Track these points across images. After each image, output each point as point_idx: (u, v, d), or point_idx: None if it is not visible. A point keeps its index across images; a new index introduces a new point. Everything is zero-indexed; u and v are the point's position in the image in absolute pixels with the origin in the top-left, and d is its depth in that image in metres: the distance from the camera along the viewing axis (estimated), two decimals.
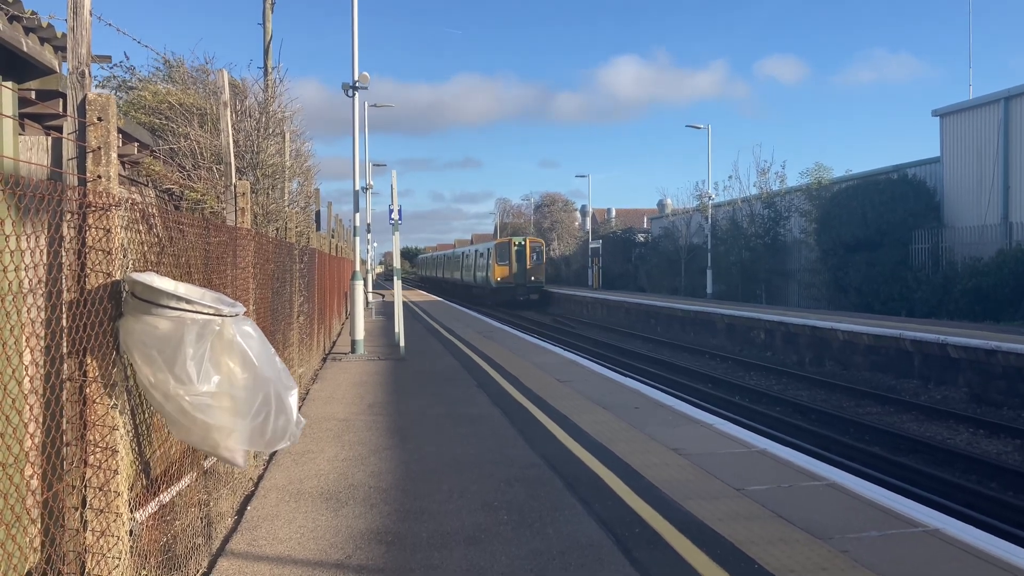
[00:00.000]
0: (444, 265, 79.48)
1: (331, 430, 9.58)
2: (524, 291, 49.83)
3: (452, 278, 70.64)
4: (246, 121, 11.27)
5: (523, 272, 50.22)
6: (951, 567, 5.17)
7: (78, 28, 3.79)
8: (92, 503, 3.58)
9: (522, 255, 50.51)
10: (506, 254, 50.82)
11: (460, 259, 67.13)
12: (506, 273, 50.21)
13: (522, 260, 50.30)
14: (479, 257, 56.83)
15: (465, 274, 62.48)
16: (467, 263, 62.47)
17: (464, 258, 64.77)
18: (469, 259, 61.73)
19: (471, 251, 62.49)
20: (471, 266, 59.60)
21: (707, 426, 9.71)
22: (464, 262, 63.96)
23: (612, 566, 5.23)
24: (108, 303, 3.69)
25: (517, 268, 50.25)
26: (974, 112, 28.01)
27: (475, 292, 57.75)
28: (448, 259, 77.52)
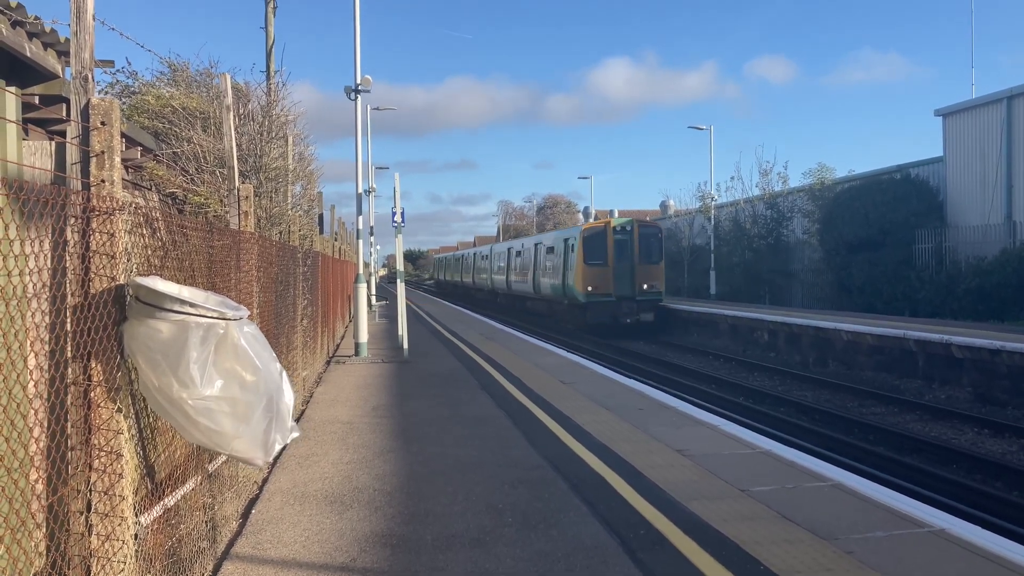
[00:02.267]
0: (475, 268, 57.75)
1: (335, 433, 9.59)
2: (633, 308, 30.38)
3: (489, 285, 51.18)
4: (249, 125, 11.30)
5: (629, 275, 30.76)
6: (957, 567, 5.15)
7: (81, 33, 3.79)
8: (97, 507, 3.58)
9: (627, 248, 31.07)
10: (600, 247, 30.93)
11: (507, 258, 45.58)
12: (603, 279, 30.73)
13: (627, 255, 30.98)
14: (548, 254, 35.89)
15: (516, 281, 42.30)
16: (520, 264, 41.75)
17: (515, 257, 43.28)
18: (525, 257, 40.65)
19: (528, 245, 40.74)
20: (530, 268, 38.96)
21: (711, 427, 9.69)
22: (515, 263, 43.07)
23: (617, 568, 5.22)
24: (112, 307, 3.69)
25: (620, 269, 30.76)
26: (977, 111, 27.97)
27: (535, 307, 39.01)
28: (483, 259, 55.09)
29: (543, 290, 36.38)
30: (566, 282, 32.40)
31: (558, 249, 34.03)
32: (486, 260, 53.36)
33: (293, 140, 12.65)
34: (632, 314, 30.33)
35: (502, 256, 47.61)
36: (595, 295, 30.51)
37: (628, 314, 30.32)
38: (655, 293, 31.28)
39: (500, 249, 49.88)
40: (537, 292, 37.63)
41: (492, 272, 50.09)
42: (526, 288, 39.90)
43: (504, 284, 45.76)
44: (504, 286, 45.87)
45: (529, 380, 13.88)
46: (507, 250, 46.32)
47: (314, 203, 17.79)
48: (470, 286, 60.73)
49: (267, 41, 19.12)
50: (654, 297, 31.21)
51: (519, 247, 43.01)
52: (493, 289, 50.17)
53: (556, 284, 34.01)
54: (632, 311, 30.39)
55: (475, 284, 58.08)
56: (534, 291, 38.12)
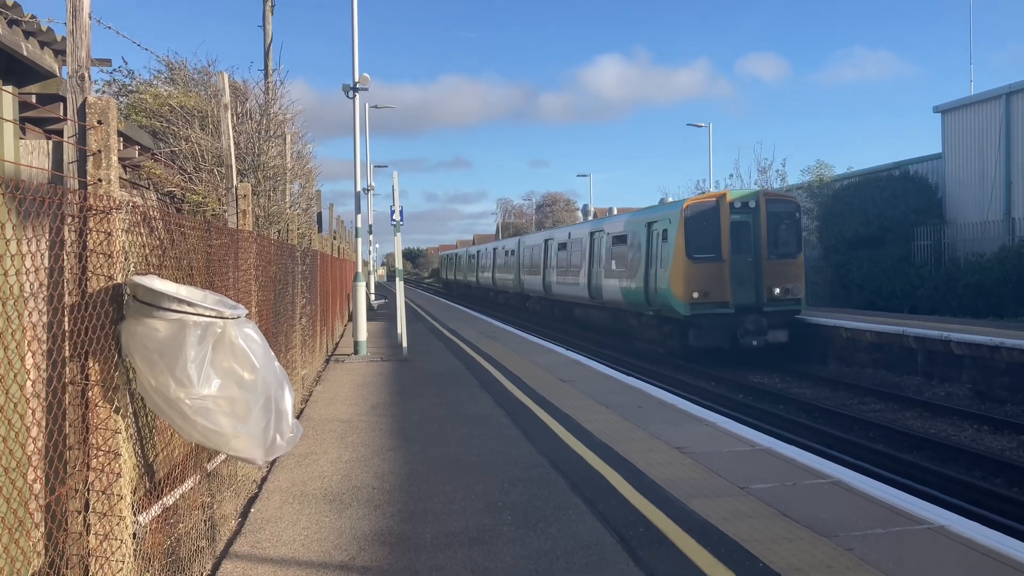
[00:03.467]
0: (496, 265, 48.02)
1: (334, 431, 9.58)
2: (760, 324, 20.66)
3: (516, 287, 41.71)
4: (247, 123, 11.29)
5: (754, 275, 21.27)
6: (957, 564, 5.15)
7: (77, 32, 3.79)
8: (95, 507, 3.57)
9: (750, 233, 21.46)
10: (711, 231, 21.23)
11: (543, 253, 35.45)
12: (715, 280, 20.93)
13: (749, 244, 21.37)
14: (615, 245, 25.68)
15: (560, 283, 32.12)
16: (566, 259, 31.40)
17: (557, 251, 33.16)
18: (574, 250, 30.44)
19: (580, 233, 30.11)
20: (583, 265, 28.89)
21: (710, 424, 9.70)
22: (557, 259, 33.00)
23: (617, 566, 5.22)
24: (110, 306, 3.68)
25: (740, 265, 21.23)
26: (975, 108, 27.97)
27: (591, 318, 28.90)
28: (507, 255, 44.76)
29: (607, 295, 26.12)
30: (652, 285, 22.10)
31: (636, 238, 23.79)
32: (511, 256, 43.46)
33: (291, 138, 12.64)
34: (758, 333, 20.26)
35: (535, 250, 37.59)
36: (703, 304, 20.34)
37: (754, 333, 20.23)
38: (791, 301, 21.07)
39: (532, 241, 39.54)
40: (595, 298, 27.51)
41: (521, 271, 40.48)
42: (576, 292, 29.80)
43: (539, 286, 36.04)
44: (539, 288, 36.10)
45: (529, 378, 13.88)
46: (543, 242, 36.04)
47: (312, 201, 17.78)
48: (488, 287, 51.71)
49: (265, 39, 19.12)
50: (790, 307, 21.05)
51: (563, 237, 32.87)
52: (523, 292, 40.46)
53: (633, 288, 23.55)
54: (759, 328, 20.28)
55: (496, 285, 48.44)
56: (590, 296, 28.08)
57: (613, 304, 25.92)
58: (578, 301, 29.98)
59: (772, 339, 20.52)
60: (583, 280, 28.75)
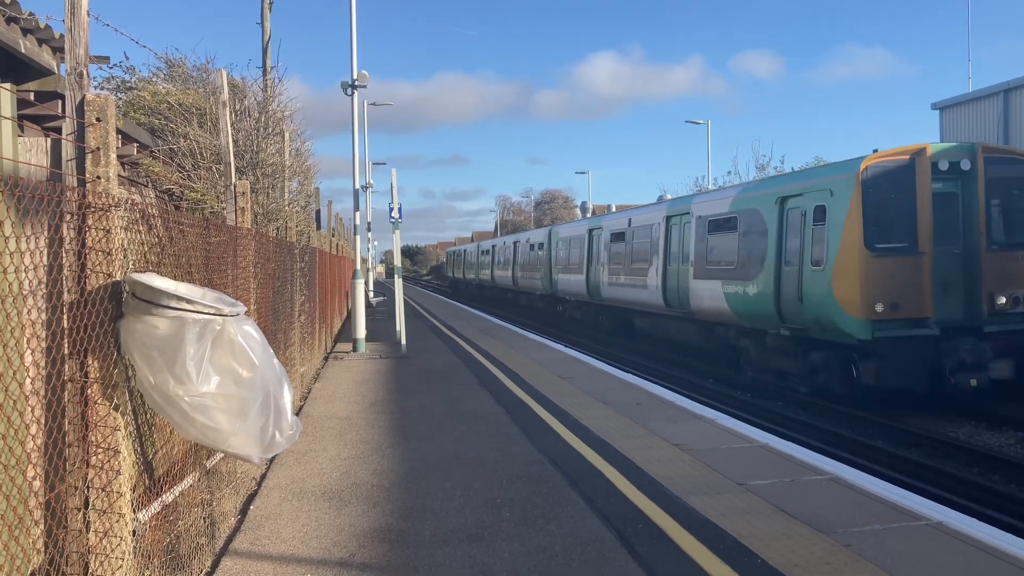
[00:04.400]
0: (519, 263, 40.31)
1: (333, 428, 9.58)
2: (978, 352, 13.01)
3: (545, 288, 34.38)
4: (246, 121, 11.28)
5: (968, 275, 13.73)
6: (955, 560, 5.16)
7: (76, 29, 3.78)
8: (95, 504, 3.58)
9: (956, 207, 13.86)
10: (903, 207, 13.43)
11: (586, 246, 28.24)
12: (909, 284, 13.17)
13: (954, 225, 13.78)
14: (713, 231, 18.32)
15: (617, 285, 24.78)
16: (630, 251, 23.79)
17: (611, 243, 25.64)
18: (639, 240, 23.22)
19: (651, 218, 22.57)
20: (655, 259, 21.57)
21: (709, 421, 9.71)
22: (610, 253, 25.65)
23: (615, 562, 5.23)
24: (109, 304, 3.69)
25: (945, 260, 13.57)
26: (974, 105, 27.97)
27: (672, 331, 21.59)
28: (534, 249, 37.25)
29: (699, 302, 18.43)
30: (792, 290, 14.83)
31: (755, 220, 16.21)
32: (538, 250, 35.81)
33: (290, 136, 12.63)
34: (977, 366, 13.14)
35: (574, 243, 29.97)
36: (891, 323, 13.28)
37: (971, 367, 13.10)
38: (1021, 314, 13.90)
39: (570, 232, 31.51)
40: (675, 305, 19.89)
41: (553, 268, 33.12)
42: (640, 297, 22.30)
43: (581, 287, 28.34)
44: (580, 290, 28.65)
45: (527, 375, 13.89)
46: (587, 233, 28.19)
47: (311, 199, 17.77)
48: (505, 287, 44.17)
49: (263, 37, 19.09)
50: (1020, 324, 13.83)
51: (618, 225, 24.79)
52: (554, 294, 33.19)
53: (750, 294, 16.12)
54: (978, 359, 13.17)
55: (517, 285, 40.95)
56: (666, 303, 20.47)
57: (709, 315, 18.05)
58: (644, 308, 22.71)
59: (995, 374, 13.25)
60: (655, 281, 21.13)
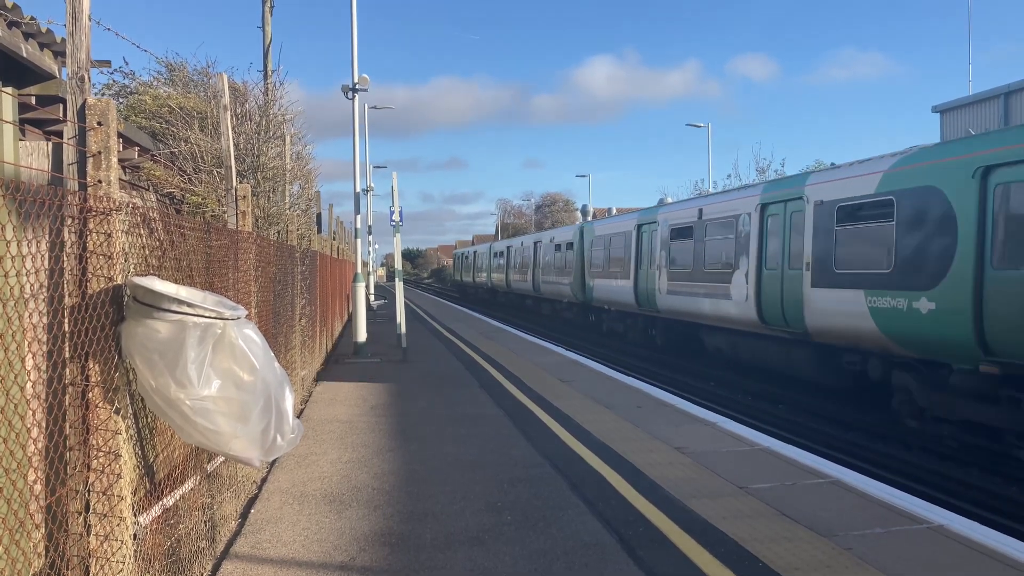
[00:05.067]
0: (542, 264, 34.34)
1: (334, 432, 9.58)
2: None
3: (575, 294, 28.80)
4: (246, 124, 11.30)
5: None
6: (956, 563, 5.16)
7: (77, 33, 3.79)
8: (95, 507, 3.58)
9: None
10: None
11: (634, 244, 22.65)
12: None
13: None
14: (852, 219, 12.31)
15: (688, 295, 18.54)
16: (708, 252, 17.61)
17: (675, 240, 19.60)
18: (741, 235, 15.92)
19: (765, 200, 15.13)
20: (779, 259, 14.38)
21: (710, 424, 9.71)
22: (680, 253, 19.24)
23: (616, 566, 5.23)
24: (110, 307, 3.69)
25: None
26: (974, 108, 27.99)
27: (763, 356, 15.61)
28: (559, 251, 31.60)
29: (833, 322, 13.03)
30: None
31: (944, 201, 10.49)
32: (568, 251, 29.51)
33: (290, 139, 12.64)
34: None
35: (618, 241, 23.91)
36: None
37: None
38: None
39: (611, 228, 25.17)
40: (777, 323, 14.68)
41: (589, 272, 26.95)
42: (727, 311, 16.51)
43: (627, 295, 22.78)
44: (626, 298, 22.95)
45: (528, 379, 13.89)
46: (634, 229, 22.51)
47: (312, 202, 17.78)
48: (523, 293, 38.45)
49: (264, 40, 19.10)
50: None
51: (687, 216, 18.95)
52: (587, 302, 27.58)
53: (937, 313, 10.49)
54: None
55: (538, 291, 34.92)
56: (760, 319, 15.24)
57: (837, 338, 13.02)
58: (723, 324, 16.80)
59: None
60: (743, 289, 15.59)
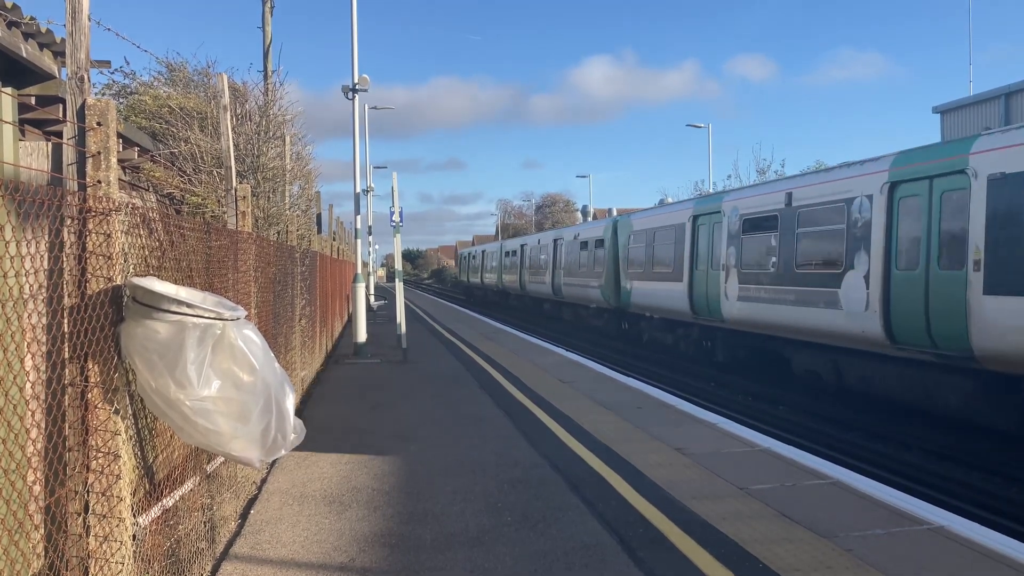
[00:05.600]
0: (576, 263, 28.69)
1: (334, 432, 9.57)
2: None
3: (616, 302, 23.94)
4: (246, 125, 11.29)
5: None
6: (957, 564, 5.15)
7: (77, 33, 3.78)
8: (95, 508, 3.57)
9: None
10: None
11: (720, 236, 17.04)
12: None
13: None
14: None
15: (807, 304, 13.64)
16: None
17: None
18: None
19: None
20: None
21: (710, 425, 9.70)
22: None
23: (616, 567, 5.22)
24: (109, 308, 3.68)
25: None
26: (974, 108, 27.98)
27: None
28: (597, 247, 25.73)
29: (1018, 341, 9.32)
30: None
31: None
32: (598, 249, 24.69)
33: (290, 140, 12.64)
34: None
35: (665, 236, 19.87)
36: None
37: None
38: None
39: (657, 221, 20.80)
40: (919, 342, 11.37)
41: (625, 274, 22.63)
42: (831, 323, 13.27)
43: (678, 300, 18.96)
44: (678, 304, 19.06)
45: (528, 379, 13.88)
46: (689, 220, 18.75)
47: (312, 203, 17.77)
48: (543, 296, 32.95)
49: (264, 41, 19.09)
50: None
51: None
52: (622, 308, 23.06)
53: None
54: None
55: (559, 295, 29.70)
56: (888, 336, 11.95)
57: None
58: (825, 340, 13.73)
59: None
60: (859, 294, 12.67)
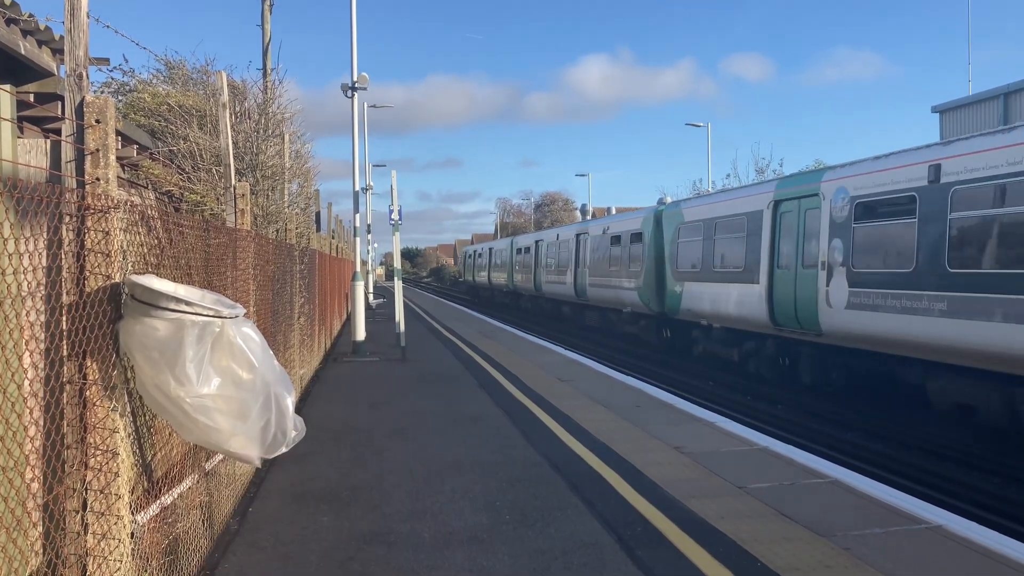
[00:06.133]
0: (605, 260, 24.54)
1: (332, 431, 9.57)
2: None
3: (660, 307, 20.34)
4: (245, 123, 11.29)
5: None
6: (955, 564, 5.16)
7: (75, 30, 3.78)
8: (93, 506, 3.57)
9: None
10: None
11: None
12: None
13: None
14: None
15: (983, 316, 9.63)
16: None
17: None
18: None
19: None
20: None
21: (708, 424, 9.70)
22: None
23: (615, 565, 5.22)
24: (108, 305, 3.68)
25: None
26: (973, 108, 27.99)
27: None
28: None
29: None
30: None
31: None
32: (635, 244, 21.75)
33: (289, 138, 12.63)
34: None
35: (729, 228, 17.25)
36: None
37: None
38: None
39: (718, 209, 18.07)
40: None
41: (674, 274, 19.59)
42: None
43: (752, 306, 15.98)
44: (749, 311, 16.10)
45: (527, 378, 13.88)
46: (768, 208, 15.55)
47: (311, 201, 17.77)
48: (562, 298, 29.85)
49: (263, 39, 19.09)
50: None
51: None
52: (666, 314, 20.22)
53: None
54: None
55: (583, 297, 26.57)
56: None
57: None
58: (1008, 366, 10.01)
59: None
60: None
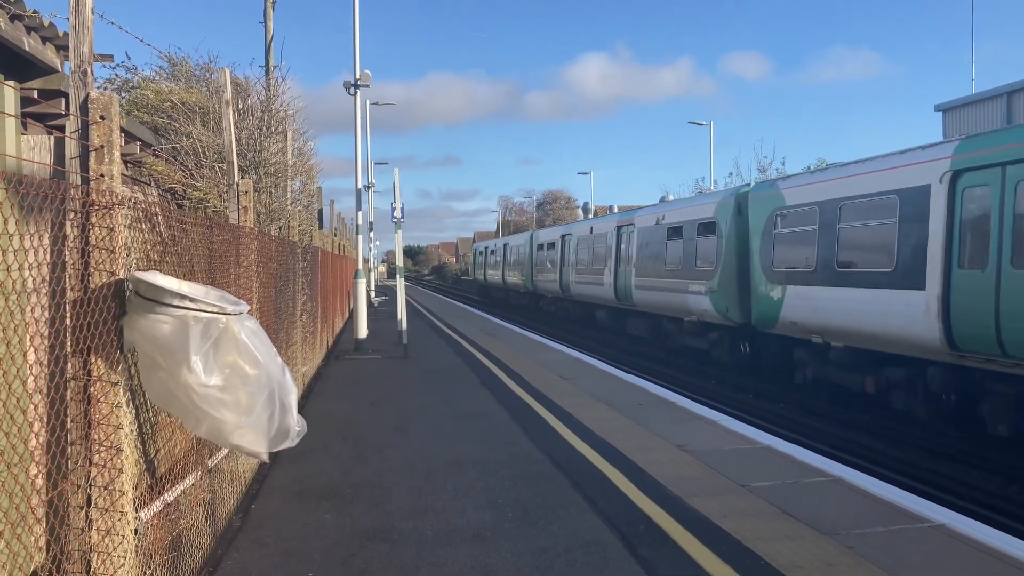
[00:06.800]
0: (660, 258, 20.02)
1: (335, 428, 9.58)
2: None
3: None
4: (248, 120, 11.28)
5: None
6: (958, 563, 5.15)
7: (80, 27, 3.78)
8: (97, 502, 3.57)
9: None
10: None
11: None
12: None
13: None
14: None
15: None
16: None
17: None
18: None
19: None
20: None
21: (711, 422, 9.70)
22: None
23: (618, 563, 5.22)
24: (112, 302, 3.68)
25: None
26: (977, 107, 27.93)
27: None
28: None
29: None
30: None
31: None
32: (706, 237, 18.09)
33: (292, 135, 12.63)
34: None
35: (858, 212, 12.43)
36: None
37: None
38: None
39: (847, 188, 12.76)
40: None
41: (773, 272, 14.94)
42: None
43: (912, 319, 10.89)
44: (903, 326, 11.10)
45: (530, 376, 13.88)
46: (944, 184, 10.44)
47: (313, 198, 17.77)
48: (591, 300, 27.22)
49: (266, 36, 19.07)
50: None
51: None
52: (743, 324, 16.55)
53: None
54: None
55: (624, 300, 23.40)
56: None
57: None
58: None
59: None
60: None
